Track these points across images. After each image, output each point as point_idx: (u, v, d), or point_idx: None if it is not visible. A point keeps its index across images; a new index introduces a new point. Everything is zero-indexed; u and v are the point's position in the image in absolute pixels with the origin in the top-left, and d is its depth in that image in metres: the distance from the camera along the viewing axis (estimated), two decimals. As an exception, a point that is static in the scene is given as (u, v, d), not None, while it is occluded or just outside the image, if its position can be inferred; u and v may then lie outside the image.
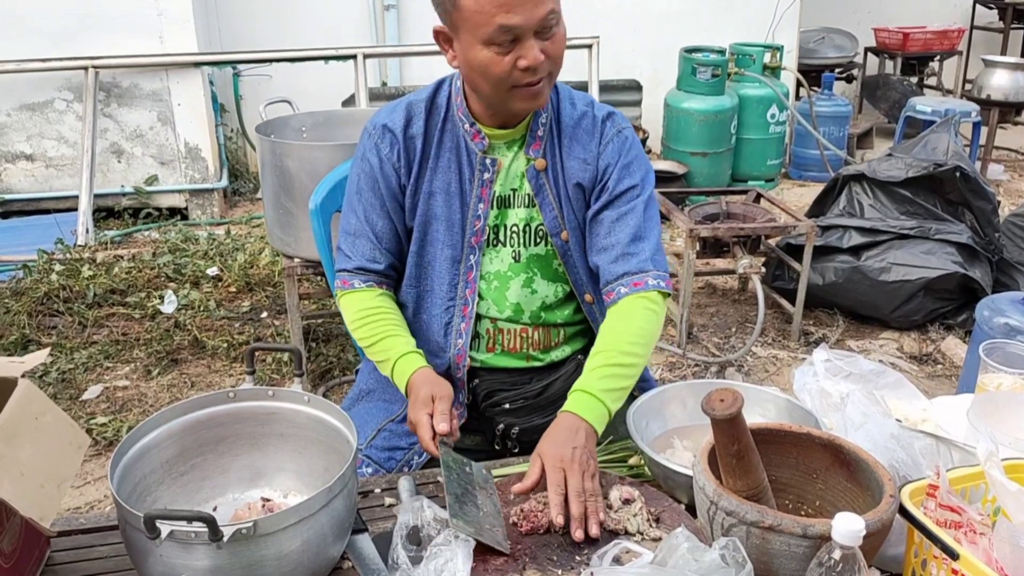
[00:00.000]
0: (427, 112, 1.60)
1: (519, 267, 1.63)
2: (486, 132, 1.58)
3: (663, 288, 1.58)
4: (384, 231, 1.62)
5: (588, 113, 1.62)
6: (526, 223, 1.62)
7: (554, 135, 1.60)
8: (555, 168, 1.60)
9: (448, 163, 1.60)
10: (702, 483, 1.18)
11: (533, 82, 1.45)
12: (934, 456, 1.37)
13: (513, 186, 1.61)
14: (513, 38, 1.40)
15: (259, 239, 4.42)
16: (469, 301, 1.62)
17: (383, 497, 1.46)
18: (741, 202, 3.86)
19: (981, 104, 5.67)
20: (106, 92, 4.85)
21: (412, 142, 1.59)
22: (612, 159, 1.60)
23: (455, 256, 1.61)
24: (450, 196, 1.59)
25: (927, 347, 3.56)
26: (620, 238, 1.58)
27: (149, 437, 1.34)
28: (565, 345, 1.71)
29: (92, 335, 3.49)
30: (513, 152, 1.60)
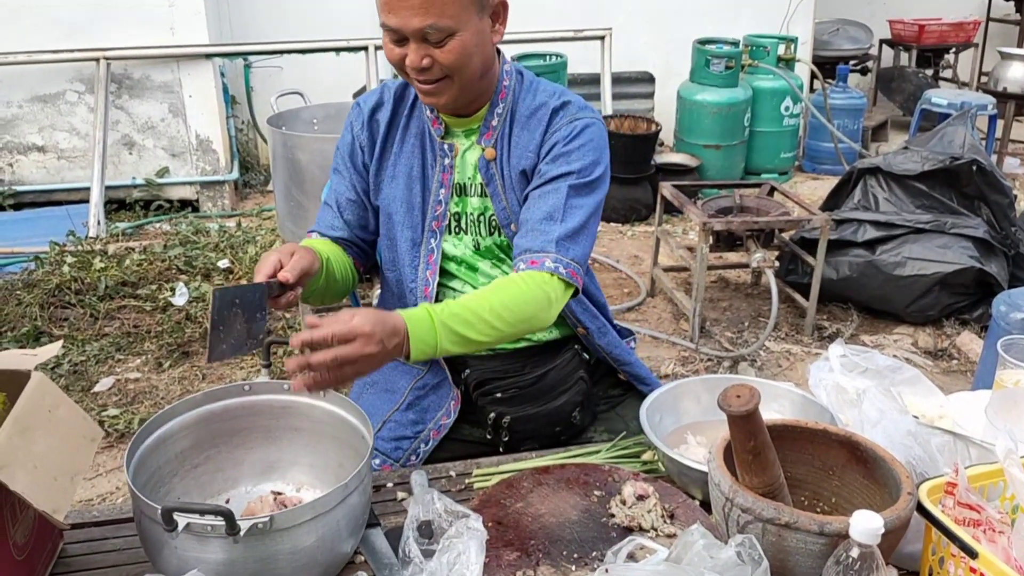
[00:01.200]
0: (398, 97, 1.65)
1: (481, 254, 1.65)
2: (444, 119, 1.61)
3: (560, 274, 1.47)
4: (345, 202, 1.66)
5: (546, 104, 1.59)
6: (480, 212, 1.63)
7: (507, 125, 1.60)
8: (503, 158, 1.60)
9: (412, 148, 1.63)
10: (717, 479, 1.17)
11: (422, 80, 1.47)
12: (951, 453, 1.36)
13: (468, 175, 1.62)
14: (400, 37, 1.44)
15: (270, 231, 4.42)
16: (430, 282, 1.64)
17: (395, 491, 1.46)
18: (755, 195, 3.84)
19: (997, 97, 5.61)
20: (117, 84, 4.86)
21: (376, 124, 1.64)
22: (550, 146, 1.56)
23: (415, 239, 1.64)
24: (411, 180, 1.62)
25: (942, 342, 3.53)
26: (533, 215, 1.52)
27: (164, 428, 1.34)
28: (552, 328, 1.68)
29: (103, 327, 3.50)
30: (470, 141, 1.62)
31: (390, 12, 1.41)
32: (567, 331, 1.72)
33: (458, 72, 1.46)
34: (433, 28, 1.40)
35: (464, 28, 1.43)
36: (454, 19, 1.41)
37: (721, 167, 5.36)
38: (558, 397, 1.67)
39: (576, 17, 5.62)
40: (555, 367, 1.68)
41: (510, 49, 5.05)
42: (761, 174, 5.55)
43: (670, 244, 4.01)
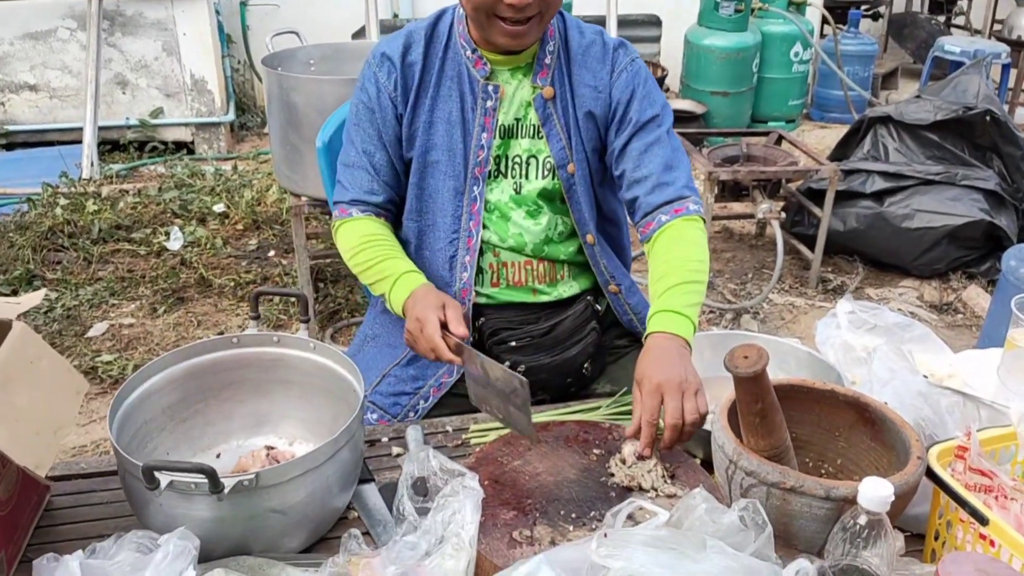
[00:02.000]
0: (427, 40, 1.55)
1: (519, 199, 1.58)
2: (488, 58, 1.53)
3: (702, 214, 1.54)
4: (382, 163, 1.58)
5: (597, 41, 1.57)
6: (530, 155, 1.57)
7: (562, 62, 1.55)
8: (564, 96, 1.54)
9: (449, 91, 1.54)
10: (721, 441, 1.14)
11: (517, 19, 1.40)
12: (961, 414, 1.32)
13: (518, 115, 1.55)
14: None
15: (267, 175, 4.35)
16: (473, 233, 1.57)
17: (391, 446, 1.43)
18: (762, 144, 3.76)
19: (1011, 45, 5.49)
20: (110, 20, 4.73)
21: (410, 69, 1.54)
22: (627, 89, 1.55)
23: (458, 187, 1.56)
24: (451, 125, 1.54)
25: (948, 296, 3.49)
26: (653, 168, 1.53)
27: (150, 382, 1.31)
28: (572, 280, 1.66)
29: (97, 271, 3.46)
30: (518, 80, 1.54)
31: None
32: (587, 285, 1.68)
33: (550, 7, 1.43)
34: None
35: None
36: None
37: (728, 114, 5.26)
38: (571, 348, 1.64)
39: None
40: (568, 317, 1.64)
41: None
42: (768, 122, 5.45)
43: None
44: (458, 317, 1.38)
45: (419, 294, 1.44)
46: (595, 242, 1.63)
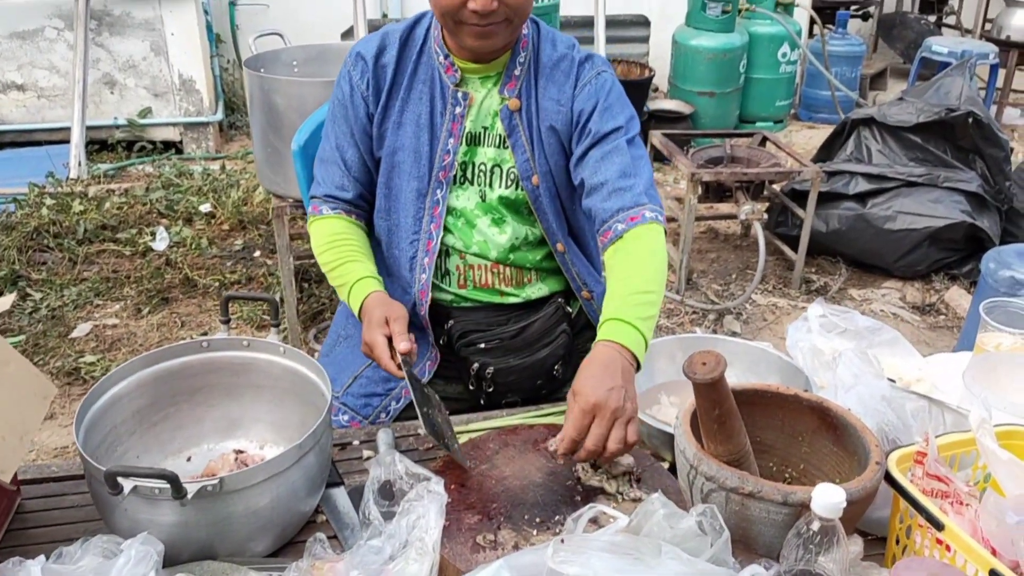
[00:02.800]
0: (402, 42, 1.56)
1: (485, 207, 1.59)
2: (460, 66, 1.54)
3: (660, 222, 1.51)
4: (353, 160, 1.60)
5: (568, 55, 1.57)
6: (495, 163, 1.58)
7: (532, 75, 1.55)
8: (529, 109, 1.55)
9: (420, 95, 1.55)
10: (683, 447, 1.15)
11: (483, 24, 1.40)
12: (926, 418, 1.33)
13: (484, 124, 1.56)
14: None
15: (254, 175, 4.35)
16: (434, 236, 1.58)
17: (361, 449, 1.44)
18: (746, 145, 3.77)
19: (1000, 45, 5.50)
20: (97, 20, 4.73)
21: (383, 70, 1.56)
22: (589, 102, 1.54)
23: (421, 189, 1.58)
24: (419, 128, 1.55)
25: (930, 297, 3.51)
26: (609, 175, 1.51)
27: (119, 387, 1.32)
28: (540, 283, 1.67)
29: (82, 272, 3.46)
30: (487, 88, 1.55)
31: None
32: (557, 287, 1.69)
33: (520, 12, 1.43)
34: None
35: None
36: None
37: (715, 114, 5.27)
38: (541, 350, 1.64)
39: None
40: (538, 319, 1.65)
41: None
42: (756, 122, 5.47)
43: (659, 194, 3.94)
44: (402, 331, 1.41)
45: (368, 308, 1.48)
46: (565, 250, 1.64)
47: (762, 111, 5.53)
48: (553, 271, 1.68)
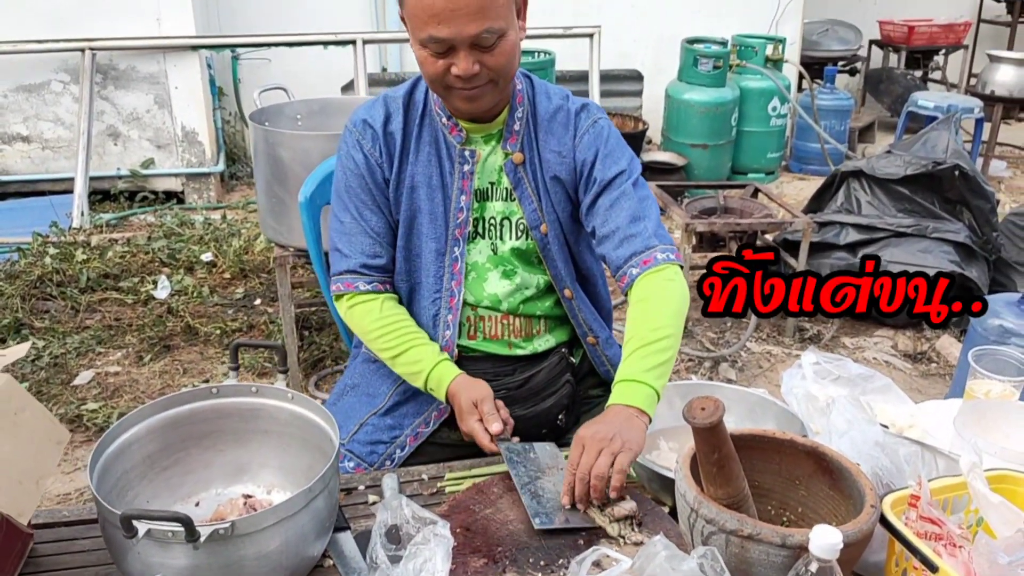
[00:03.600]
0: (405, 108, 1.61)
1: (497, 259, 1.63)
2: (464, 126, 1.59)
3: (672, 260, 1.55)
4: (380, 226, 1.61)
5: (563, 107, 1.62)
6: (504, 216, 1.62)
7: (531, 128, 1.60)
8: (533, 161, 1.60)
9: (428, 157, 1.60)
10: (683, 490, 1.18)
11: (468, 88, 1.45)
12: (919, 463, 1.37)
13: (491, 179, 1.61)
14: (447, 47, 1.40)
15: (255, 224, 4.41)
16: (455, 292, 1.62)
17: (367, 494, 1.45)
18: (739, 196, 3.85)
19: (985, 100, 5.63)
20: (103, 74, 4.83)
21: (392, 137, 1.60)
22: (589, 151, 1.59)
23: (439, 248, 1.62)
24: (432, 189, 1.59)
25: (922, 345, 3.55)
26: (619, 223, 1.56)
27: (130, 432, 1.34)
28: (548, 334, 1.71)
29: (85, 320, 3.49)
30: (491, 146, 1.61)
31: (440, 23, 1.36)
32: (564, 337, 1.73)
33: (503, 74, 1.47)
34: (488, 31, 1.39)
35: (511, 27, 1.43)
36: (505, 19, 1.41)
37: (708, 166, 5.37)
38: (545, 400, 1.68)
39: (566, 14, 5.62)
40: (543, 369, 1.69)
41: (499, 45, 5.03)
42: (748, 174, 5.57)
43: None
44: (492, 412, 1.49)
45: (455, 393, 1.54)
46: (573, 296, 1.68)
47: (754, 163, 5.64)
48: (560, 320, 1.72)
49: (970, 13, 8.01)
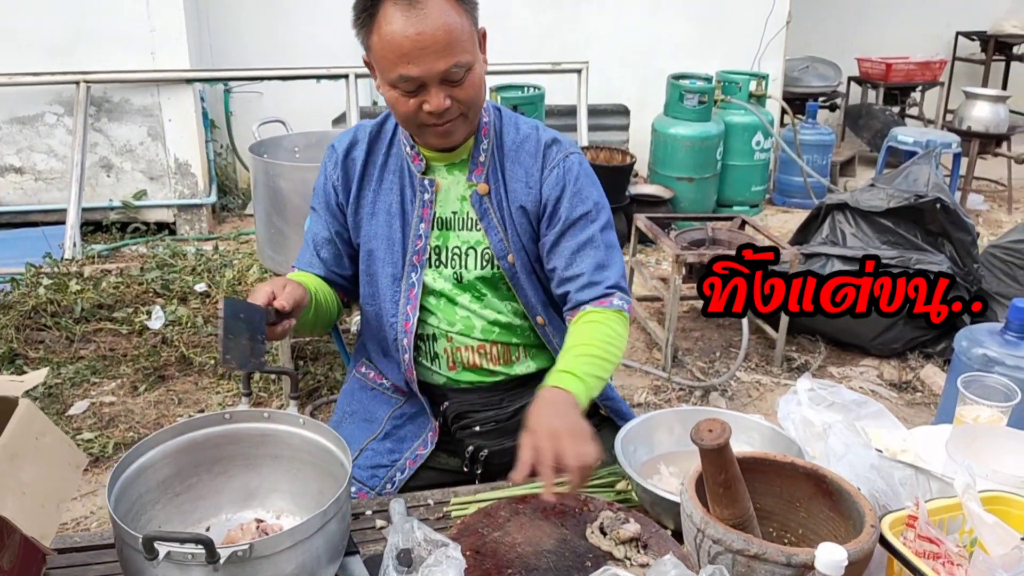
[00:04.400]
0: (372, 137, 1.66)
1: (462, 287, 1.66)
2: (426, 155, 1.63)
3: (625, 311, 1.62)
4: (322, 241, 1.70)
5: (532, 136, 1.65)
6: (469, 246, 1.65)
7: (496, 159, 1.63)
8: (499, 192, 1.62)
9: (391, 185, 1.65)
10: (689, 511, 1.21)
11: (440, 123, 1.49)
12: (913, 486, 1.41)
13: (454, 209, 1.64)
14: (418, 85, 1.45)
15: (247, 255, 4.43)
16: (410, 316, 1.65)
17: (374, 519, 1.48)
18: (726, 228, 3.92)
19: (962, 135, 5.76)
20: (97, 107, 4.87)
21: (352, 164, 1.66)
22: (556, 187, 1.61)
23: (396, 274, 1.66)
24: (391, 216, 1.64)
25: (907, 375, 3.62)
26: (584, 268, 1.60)
27: (146, 457, 1.36)
28: (528, 360, 1.73)
29: (79, 350, 3.49)
30: (454, 176, 1.64)
31: (410, 63, 1.41)
32: (545, 363, 1.75)
33: (473, 106, 1.51)
34: (457, 66, 1.43)
35: (476, 60, 1.48)
36: (471, 53, 1.46)
37: (694, 199, 5.46)
38: None
39: (555, 50, 5.73)
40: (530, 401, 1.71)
41: (491, 80, 5.11)
42: (733, 206, 5.66)
43: (644, 274, 4.08)
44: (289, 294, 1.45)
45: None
46: (545, 323, 1.70)
47: (739, 196, 5.73)
48: (539, 347, 1.75)
49: (945, 51, 8.22)
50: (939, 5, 8.27)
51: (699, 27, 6.20)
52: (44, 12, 4.66)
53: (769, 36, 6.21)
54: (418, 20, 1.39)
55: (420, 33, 1.39)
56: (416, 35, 1.39)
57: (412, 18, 1.39)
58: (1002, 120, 5.91)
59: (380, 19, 1.42)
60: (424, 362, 1.71)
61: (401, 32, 1.39)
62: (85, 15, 4.69)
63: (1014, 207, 6.16)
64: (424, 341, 1.69)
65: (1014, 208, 6.15)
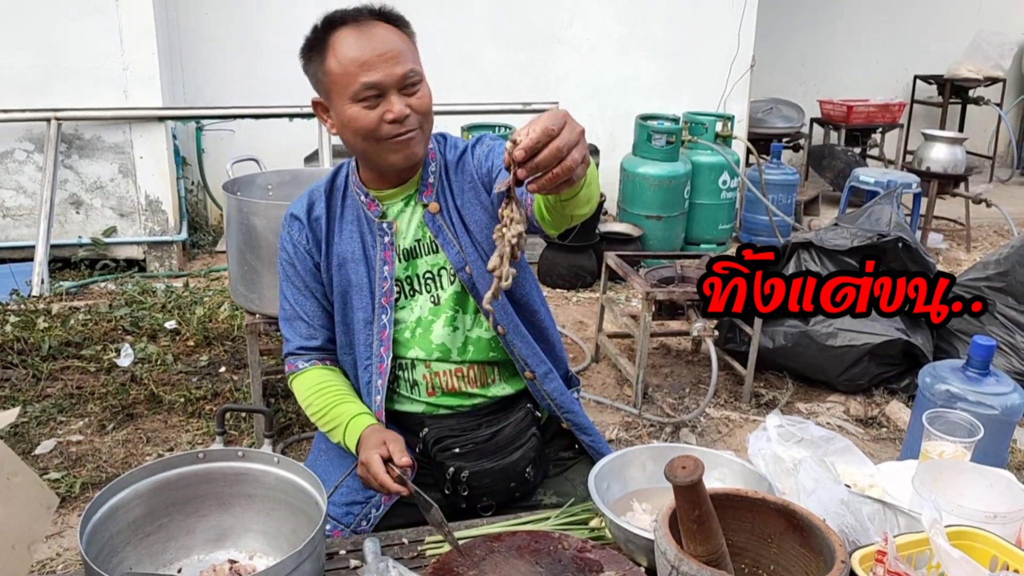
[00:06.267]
0: (327, 193, 1.74)
1: (439, 309, 1.71)
2: (379, 196, 1.70)
3: None
4: (312, 311, 1.75)
5: (465, 147, 1.75)
6: (440, 267, 1.71)
7: (443, 179, 1.71)
8: (448, 208, 1.69)
9: (351, 234, 1.71)
10: (663, 547, 1.22)
11: (401, 133, 1.57)
12: (882, 521, 1.43)
13: (416, 237, 1.71)
14: (378, 94, 1.54)
15: (218, 292, 4.40)
16: (384, 358, 1.70)
17: (348, 559, 1.47)
18: (695, 266, 3.98)
19: (921, 176, 5.91)
20: (68, 143, 4.84)
21: (317, 223, 1.73)
22: (483, 152, 1.69)
23: (367, 318, 1.71)
24: (356, 263, 1.70)
25: (872, 411, 3.67)
26: None
27: (118, 497, 1.35)
28: (503, 383, 1.78)
29: (46, 388, 3.44)
30: (410, 207, 1.71)
31: (371, 69, 1.52)
32: (519, 386, 1.79)
33: (427, 118, 1.61)
34: (413, 72, 1.56)
35: (424, 76, 1.60)
36: (420, 67, 1.58)
37: (662, 237, 5.54)
38: (513, 453, 1.72)
39: (525, 90, 5.82)
40: (509, 423, 1.74)
41: (462, 119, 5.19)
42: (700, 244, 5.74)
43: (614, 311, 4.12)
44: (400, 449, 1.52)
45: (364, 436, 1.60)
46: (506, 331, 1.73)
47: (706, 234, 5.82)
48: (511, 370, 1.79)
49: (904, 94, 8.47)
50: (898, 50, 8.54)
51: (666, 69, 6.34)
52: (17, 49, 4.64)
53: (734, 79, 6.36)
54: (371, 38, 1.55)
55: (374, 47, 1.53)
56: (371, 48, 1.53)
57: (365, 36, 1.55)
58: (959, 161, 6.08)
59: (334, 43, 1.55)
60: (403, 391, 1.75)
61: (358, 47, 1.53)
62: (58, 53, 4.69)
63: (972, 245, 6.31)
64: (403, 370, 1.74)
65: (972, 247, 6.30)
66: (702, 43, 6.32)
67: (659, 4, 6.22)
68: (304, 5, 5.63)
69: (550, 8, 5.95)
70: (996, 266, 3.75)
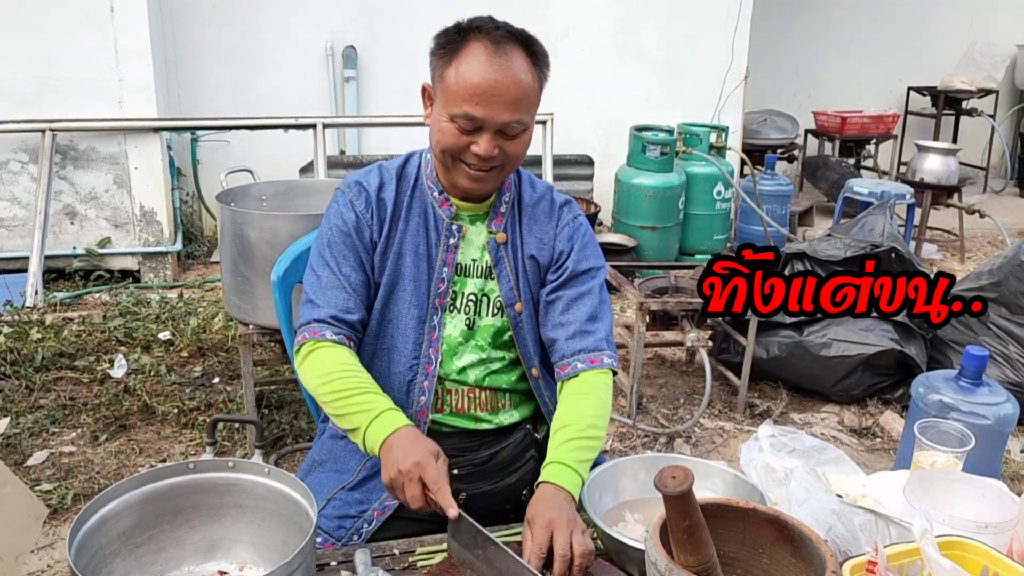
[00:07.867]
0: (398, 178, 1.69)
1: (470, 335, 1.70)
2: (453, 202, 1.68)
3: (614, 368, 1.69)
4: (358, 283, 1.63)
5: (547, 196, 1.75)
6: (482, 293, 1.69)
7: (515, 212, 1.71)
8: (515, 242, 1.70)
9: (417, 227, 1.67)
10: (654, 558, 1.22)
11: (480, 168, 1.56)
12: (873, 531, 1.44)
13: (473, 256, 1.69)
14: (476, 127, 1.52)
15: (212, 303, 4.40)
16: (433, 360, 1.67)
17: (339, 570, 1.46)
18: (689, 276, 3.98)
19: (915, 186, 5.92)
20: (62, 155, 4.84)
21: (383, 203, 1.67)
22: (568, 242, 1.72)
23: (421, 316, 1.67)
24: (418, 258, 1.66)
25: (866, 421, 3.68)
26: (578, 316, 1.68)
27: (107, 508, 1.34)
28: (513, 409, 1.76)
29: (39, 399, 3.43)
30: (476, 226, 1.70)
31: (477, 104, 1.48)
32: (526, 413, 1.79)
33: (512, 163, 1.60)
34: (518, 122, 1.53)
35: (532, 123, 1.58)
36: (532, 115, 1.56)
37: (657, 247, 5.54)
38: (511, 475, 1.73)
39: (520, 101, 5.82)
40: (508, 445, 1.74)
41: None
42: (695, 255, 5.74)
43: (610, 323, 4.11)
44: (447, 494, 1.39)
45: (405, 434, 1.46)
46: (539, 375, 1.75)
47: (701, 244, 5.83)
48: (525, 395, 1.78)
49: (898, 105, 8.51)
50: (891, 61, 8.59)
51: (661, 80, 6.37)
52: (12, 61, 4.65)
53: (728, 90, 6.38)
54: (499, 67, 1.48)
55: (497, 81, 1.48)
56: (493, 81, 1.48)
57: (495, 63, 1.48)
58: (953, 172, 6.11)
59: (464, 54, 1.50)
60: None
61: (480, 73, 1.48)
62: (54, 64, 4.69)
63: (967, 256, 6.33)
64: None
65: (967, 257, 6.32)
66: (696, 55, 6.36)
67: (653, 16, 6.26)
68: (298, 18, 5.69)
69: (545, 20, 5.98)
70: (990, 276, 3.76)
